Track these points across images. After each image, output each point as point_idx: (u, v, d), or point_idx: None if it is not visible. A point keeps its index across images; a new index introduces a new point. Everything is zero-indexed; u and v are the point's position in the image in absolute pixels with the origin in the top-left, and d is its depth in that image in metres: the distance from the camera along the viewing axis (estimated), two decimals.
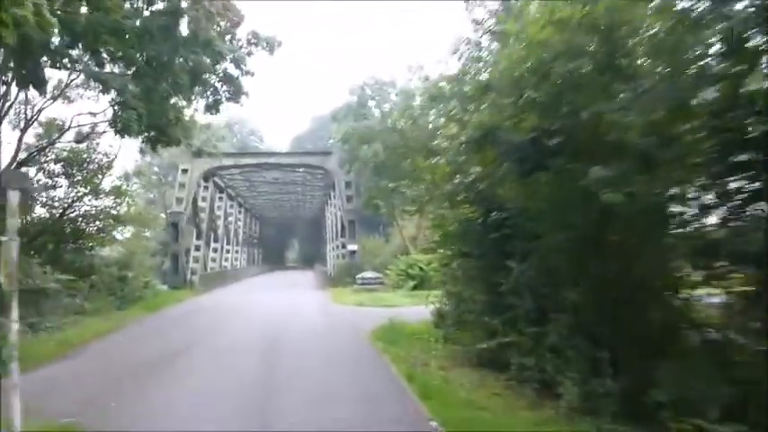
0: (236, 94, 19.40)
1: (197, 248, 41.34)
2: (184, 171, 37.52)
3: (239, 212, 65.43)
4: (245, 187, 62.71)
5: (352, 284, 33.95)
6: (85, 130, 26.28)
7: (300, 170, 48.61)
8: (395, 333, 15.24)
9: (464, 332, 11.98)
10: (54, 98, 27.73)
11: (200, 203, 44.14)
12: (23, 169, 26.91)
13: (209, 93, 19.26)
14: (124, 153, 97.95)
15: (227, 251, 56.41)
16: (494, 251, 10.39)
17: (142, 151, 28.34)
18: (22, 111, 26.52)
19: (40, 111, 27.21)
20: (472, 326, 11.58)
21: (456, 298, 13.86)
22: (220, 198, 52.80)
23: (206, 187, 45.02)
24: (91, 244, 27.13)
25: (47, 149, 26.88)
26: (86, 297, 23.44)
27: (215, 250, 49.46)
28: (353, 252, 35.83)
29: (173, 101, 18.31)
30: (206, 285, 36.14)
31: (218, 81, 19.15)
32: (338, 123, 34.14)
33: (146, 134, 18.58)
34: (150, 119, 17.23)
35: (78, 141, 25.87)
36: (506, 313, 9.93)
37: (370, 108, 35.07)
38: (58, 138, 26.73)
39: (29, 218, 26.08)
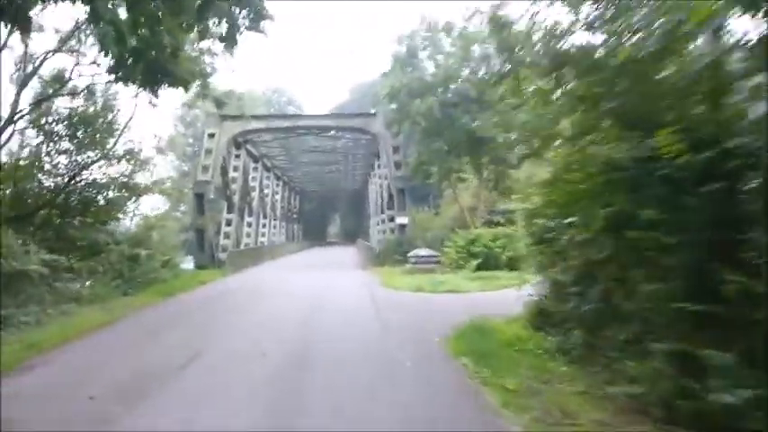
0: (256, 18, 14.77)
1: (228, 223, 37.32)
2: (211, 136, 33.34)
3: (277, 185, 61.45)
4: (284, 158, 58.61)
5: (402, 263, 29.36)
6: (88, 83, 22.33)
7: (341, 136, 44.04)
8: (481, 338, 10.62)
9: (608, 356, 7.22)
10: (56, 50, 23.69)
11: (232, 173, 40.02)
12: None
13: (221, 20, 14.74)
14: (155, 122, 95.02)
15: (264, 226, 52.51)
16: (706, 215, 5.59)
17: (151, 103, 24.30)
18: (22, 64, 22.97)
19: (41, 62, 23.39)
20: (634, 347, 6.79)
21: (579, 289, 9.23)
22: (255, 168, 48.71)
23: (237, 156, 40.86)
24: (104, 219, 23.25)
25: (48, 106, 22.99)
26: (88, 280, 19.59)
27: (249, 225, 45.48)
28: (403, 226, 31.21)
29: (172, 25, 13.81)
30: (236, 264, 32.06)
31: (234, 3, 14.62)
32: (386, 78, 29.30)
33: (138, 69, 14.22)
34: (141, 47, 12.79)
35: (74, 94, 21.76)
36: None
37: (421, 60, 30.08)
38: (57, 92, 22.72)
39: (28, 187, 22.31)
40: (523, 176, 16.09)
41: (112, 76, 20.02)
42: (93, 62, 21.79)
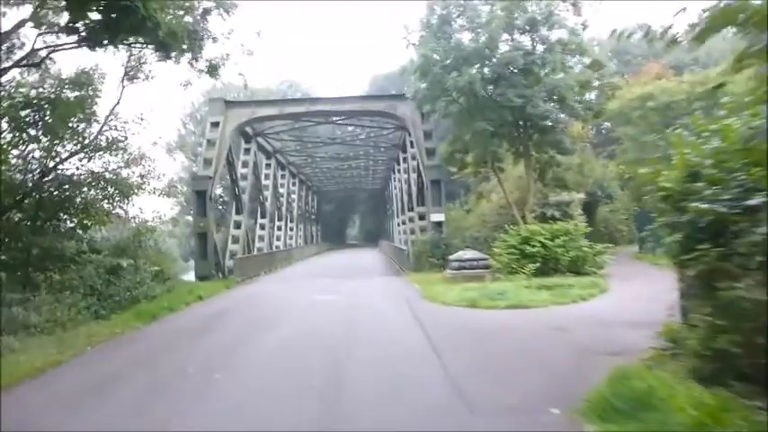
0: None
1: (237, 225, 32.89)
2: (214, 125, 28.93)
3: (293, 183, 57.07)
4: (299, 155, 54.26)
5: (440, 267, 24.78)
6: (50, 50, 18.07)
7: (361, 127, 39.54)
8: (639, 417, 5.97)
9: None
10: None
11: (241, 170, 35.66)
12: None
13: None
14: (163, 122, 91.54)
15: (279, 228, 48.14)
16: None
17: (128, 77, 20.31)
18: None
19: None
20: None
21: None
22: (268, 165, 44.35)
23: (247, 150, 36.50)
24: (85, 222, 19.13)
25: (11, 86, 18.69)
26: (46, 301, 15.28)
27: (262, 227, 41.08)
28: (439, 224, 26.52)
29: None
30: (245, 272, 27.64)
31: None
32: (417, 49, 24.60)
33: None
34: None
35: (33, 65, 17.43)
36: None
37: (456, 30, 25.32)
38: (15, 64, 18.46)
39: None
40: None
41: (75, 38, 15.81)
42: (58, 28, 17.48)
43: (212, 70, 16.16)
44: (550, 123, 25.08)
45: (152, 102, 32.95)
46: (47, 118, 17.76)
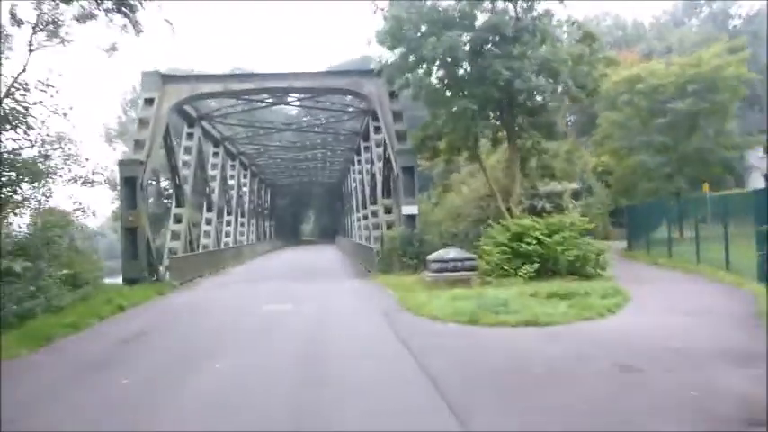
0: None
1: (177, 220, 28.71)
2: (148, 102, 24.63)
3: (244, 175, 52.79)
4: (252, 146, 50.01)
5: (411, 268, 21.29)
6: None
7: (321, 110, 35.75)
8: None
9: None
10: None
11: (183, 157, 31.44)
12: None
13: None
14: (103, 109, 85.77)
15: (228, 224, 43.90)
16: None
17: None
18: None
19: None
20: None
21: None
22: (215, 154, 40.05)
23: (190, 135, 32.27)
24: None
25: None
26: None
27: (209, 222, 36.84)
28: (412, 217, 22.91)
29: None
30: (186, 274, 23.56)
31: None
32: (389, 9, 20.85)
33: None
34: None
35: None
36: None
37: None
38: None
39: None
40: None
41: None
42: None
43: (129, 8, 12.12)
44: (541, 101, 21.74)
45: (91, 88, 28.32)
46: None
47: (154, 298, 18.34)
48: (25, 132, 16.53)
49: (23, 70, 16.14)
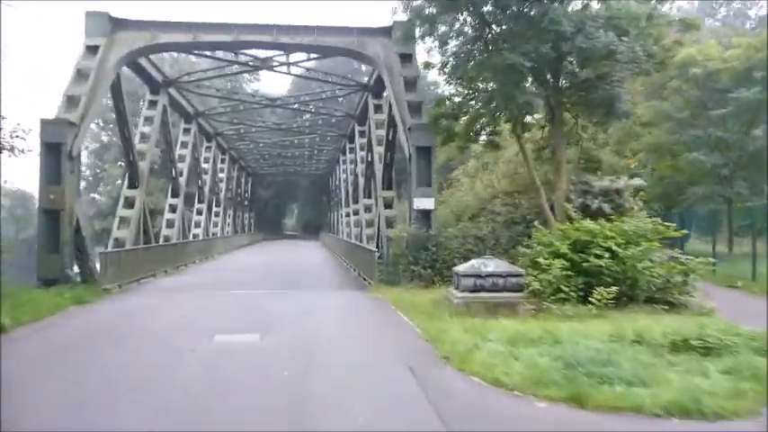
0: None
1: (129, 204, 23.21)
2: (91, 50, 19.14)
3: (222, 160, 47.31)
4: (233, 130, 44.61)
5: (427, 280, 16.11)
6: None
7: (311, 80, 30.41)
8: None
9: None
10: None
11: (143, 128, 25.98)
12: None
13: None
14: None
15: (200, 213, 38.36)
16: None
17: None
18: None
19: None
20: None
21: None
22: (186, 131, 34.51)
23: (153, 102, 26.75)
24: None
25: None
26: None
27: (173, 209, 31.32)
28: (427, 213, 17.57)
29: None
30: (128, 272, 18.09)
31: None
32: None
33: None
34: None
35: None
36: None
37: None
38: None
39: None
40: None
41: None
42: None
43: None
44: (606, 69, 16.52)
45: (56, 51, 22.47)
46: None
47: (67, 310, 12.85)
48: None
49: None
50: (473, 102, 21.13)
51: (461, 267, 12.90)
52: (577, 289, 12.49)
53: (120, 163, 52.55)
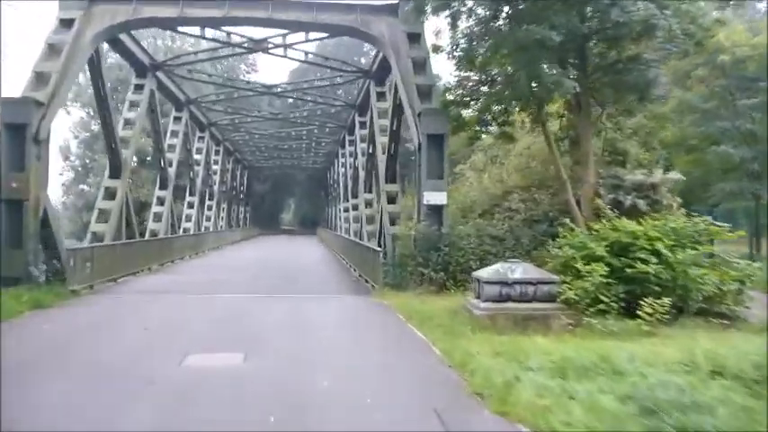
0: None
1: (109, 195, 21.32)
2: (65, 24, 17.20)
3: (216, 151, 45.34)
4: (227, 120, 42.67)
5: (438, 285, 14.28)
6: None
7: (310, 60, 28.57)
8: None
9: None
10: None
11: (128, 114, 24.10)
12: None
13: None
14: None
15: (191, 206, 36.42)
16: None
17: None
18: None
19: None
20: None
21: None
22: (177, 119, 32.60)
23: (139, 86, 24.84)
24: None
25: None
26: None
27: (161, 202, 29.40)
28: (438, 209, 15.63)
29: None
30: (104, 270, 16.20)
31: None
32: None
33: None
34: None
35: None
36: None
37: None
38: None
39: None
40: None
41: None
42: None
43: None
44: (638, 49, 14.67)
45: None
46: None
47: (12, 318, 10.93)
48: None
49: None
50: (485, 88, 19.51)
51: (484, 272, 11.03)
52: (618, 299, 10.67)
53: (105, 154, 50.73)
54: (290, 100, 57.39)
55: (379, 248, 14.95)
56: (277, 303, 13.23)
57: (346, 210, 39.48)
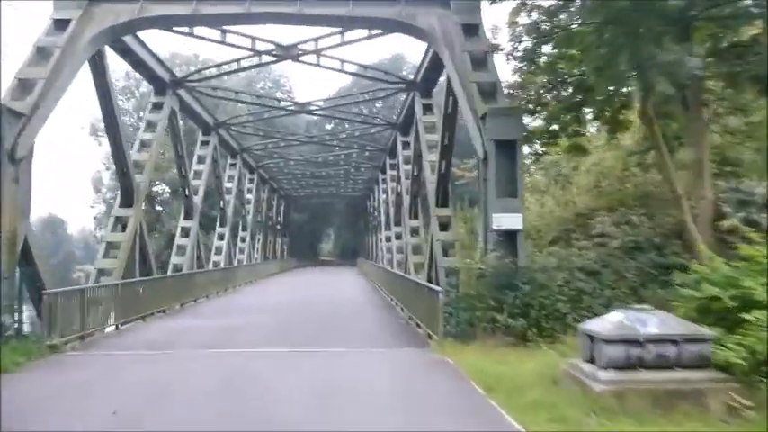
0: None
1: (121, 224, 18.62)
2: (60, 24, 14.67)
3: (249, 180, 42.94)
4: (260, 147, 40.45)
5: (516, 335, 10.88)
6: None
7: (347, 70, 25.73)
8: None
9: None
10: None
11: (144, 135, 21.61)
12: None
13: None
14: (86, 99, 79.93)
15: (221, 237, 33.76)
16: None
17: None
18: None
19: None
20: None
21: None
22: (205, 144, 30.17)
23: (157, 105, 22.36)
24: None
25: None
26: None
27: (185, 233, 26.70)
28: (512, 236, 12.17)
29: None
30: (97, 318, 13.29)
31: None
32: None
33: None
34: None
35: None
36: None
37: None
38: None
39: None
40: None
41: None
42: None
43: None
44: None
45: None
46: None
47: None
48: None
49: None
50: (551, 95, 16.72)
51: (598, 324, 7.62)
52: None
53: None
54: (328, 126, 55.19)
55: (438, 288, 11.54)
56: (302, 364, 9.97)
57: (388, 239, 36.31)
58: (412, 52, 49.06)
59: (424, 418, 6.94)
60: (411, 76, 26.11)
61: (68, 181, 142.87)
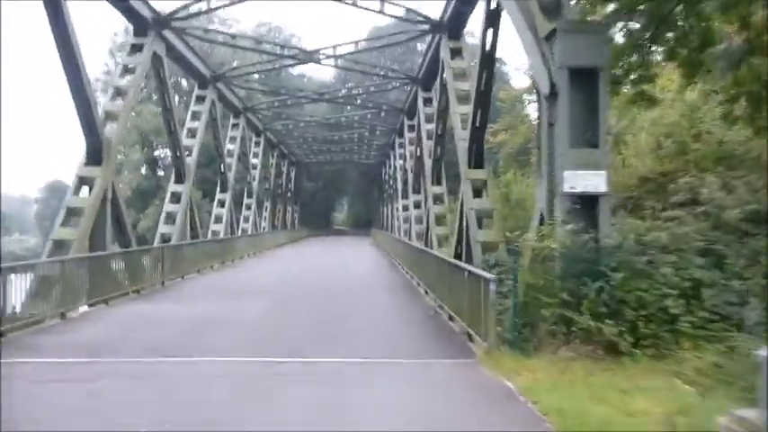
0: None
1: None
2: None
3: (256, 143, 39.66)
4: (268, 111, 37.24)
5: (599, 344, 7.51)
6: None
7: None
8: None
9: None
10: None
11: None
12: None
13: None
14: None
15: (222, 204, 30.57)
16: None
17: None
18: None
19: None
20: None
21: None
22: (201, 99, 26.75)
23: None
24: None
25: None
26: None
27: (176, 199, 23.43)
28: (593, 200, 8.69)
29: None
30: (56, 297, 10.27)
31: None
32: None
33: None
34: None
35: None
36: None
37: None
38: None
39: None
40: None
41: None
42: None
43: None
44: None
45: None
46: None
47: None
48: None
49: None
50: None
51: None
52: None
53: (136, 146, 46.50)
54: (342, 91, 51.93)
55: (487, 275, 8.02)
56: (295, 392, 6.69)
57: (405, 208, 32.95)
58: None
59: None
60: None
61: (74, 145, 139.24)
